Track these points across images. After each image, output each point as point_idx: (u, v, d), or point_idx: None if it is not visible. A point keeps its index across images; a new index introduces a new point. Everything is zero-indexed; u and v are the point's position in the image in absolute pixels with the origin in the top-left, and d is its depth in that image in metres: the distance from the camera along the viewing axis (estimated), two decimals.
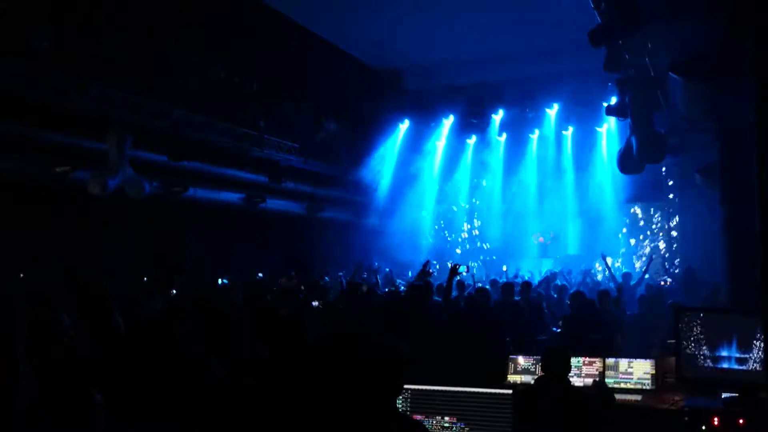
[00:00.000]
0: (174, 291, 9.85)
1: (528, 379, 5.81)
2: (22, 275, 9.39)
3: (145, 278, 10.74)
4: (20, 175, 10.44)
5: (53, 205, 10.91)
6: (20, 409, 3.04)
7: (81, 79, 10.51)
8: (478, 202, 20.94)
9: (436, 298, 8.53)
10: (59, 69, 10.10)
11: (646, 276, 12.06)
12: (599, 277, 15.40)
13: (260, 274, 13.62)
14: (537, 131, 17.43)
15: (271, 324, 5.48)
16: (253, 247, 14.92)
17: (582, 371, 5.73)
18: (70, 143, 10.92)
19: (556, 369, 4.79)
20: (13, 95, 9.74)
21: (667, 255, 17.38)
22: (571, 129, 17.06)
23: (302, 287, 11.30)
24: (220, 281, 11.72)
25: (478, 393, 3.71)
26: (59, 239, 10.84)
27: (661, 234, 18.15)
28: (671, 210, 17.52)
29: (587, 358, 5.80)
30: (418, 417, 3.68)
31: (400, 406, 3.67)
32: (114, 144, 11.06)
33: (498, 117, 16.73)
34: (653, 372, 5.69)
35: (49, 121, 10.48)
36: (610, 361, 5.80)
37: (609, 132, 16.43)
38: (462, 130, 17.69)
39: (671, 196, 17.21)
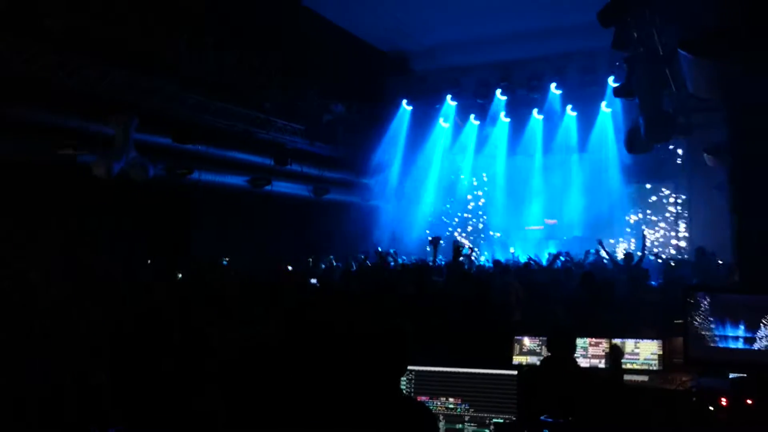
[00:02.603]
0: (180, 274, 9.85)
1: (533, 359, 5.78)
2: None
3: (150, 261, 10.73)
4: (24, 157, 10.42)
5: (57, 189, 10.88)
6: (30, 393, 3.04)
7: (85, 61, 10.48)
8: (476, 181, 20.89)
9: (437, 278, 8.50)
10: (63, 51, 10.08)
11: (646, 253, 12.00)
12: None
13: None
14: (541, 111, 17.26)
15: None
16: (259, 229, 14.89)
17: (588, 352, 5.69)
18: (74, 126, 10.89)
19: (562, 349, 4.75)
20: (17, 78, 9.73)
21: (674, 235, 17.33)
22: (575, 111, 16.90)
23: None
24: (224, 261, 11.72)
25: (482, 374, 3.67)
26: (63, 222, 10.82)
27: (669, 214, 18.05)
28: (679, 190, 17.43)
29: (593, 339, 5.75)
30: (422, 398, 3.64)
31: (404, 387, 3.64)
32: (119, 127, 11.02)
33: (502, 97, 16.58)
34: (660, 353, 5.64)
35: (53, 103, 10.46)
36: (616, 341, 5.76)
37: (614, 112, 16.27)
38: (466, 110, 17.57)
39: (680, 176, 17.13)
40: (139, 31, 10.61)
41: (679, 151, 16.66)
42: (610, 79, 14.55)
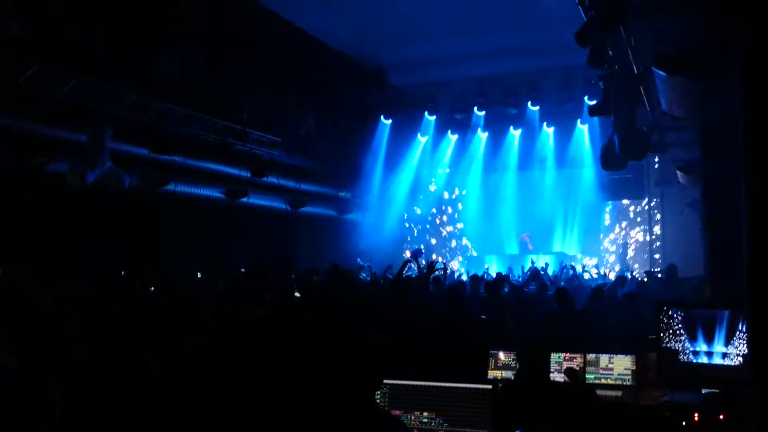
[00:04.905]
0: (152, 288, 9.70)
1: (508, 374, 5.76)
2: None
3: (123, 273, 10.56)
4: None
5: (29, 198, 10.69)
6: None
7: (59, 69, 10.34)
8: (457, 194, 21.03)
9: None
10: (36, 58, 9.94)
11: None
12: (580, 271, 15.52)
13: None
14: (519, 128, 17.42)
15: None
16: (234, 242, 14.76)
17: (563, 367, 5.69)
18: (47, 134, 10.71)
19: (536, 364, 4.75)
20: None
21: (647, 251, 17.52)
22: (551, 128, 17.09)
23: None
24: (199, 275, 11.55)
25: (457, 388, 3.66)
26: (34, 233, 10.63)
27: (643, 231, 18.28)
28: (652, 207, 17.68)
29: (568, 354, 5.76)
30: (397, 412, 3.62)
31: (378, 401, 3.61)
32: (94, 135, 10.88)
33: (480, 113, 16.72)
34: (634, 368, 5.66)
35: (26, 111, 10.29)
36: (590, 356, 5.77)
37: (591, 129, 16.48)
38: (444, 126, 17.68)
39: (653, 193, 17.39)
40: (108, 38, 10.48)
41: (654, 167, 16.89)
42: (586, 97, 14.74)
